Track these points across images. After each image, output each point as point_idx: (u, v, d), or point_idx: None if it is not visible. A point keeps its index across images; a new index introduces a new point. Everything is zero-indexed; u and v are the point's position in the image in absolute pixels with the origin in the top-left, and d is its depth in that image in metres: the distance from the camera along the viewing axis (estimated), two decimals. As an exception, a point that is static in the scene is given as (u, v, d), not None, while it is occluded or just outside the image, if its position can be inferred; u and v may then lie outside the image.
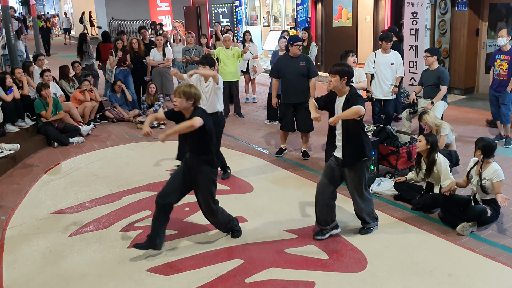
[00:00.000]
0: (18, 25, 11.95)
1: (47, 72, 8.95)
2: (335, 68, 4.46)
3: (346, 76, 4.42)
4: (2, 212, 5.68)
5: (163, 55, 9.83)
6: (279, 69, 7.03)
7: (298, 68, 6.82)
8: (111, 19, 22.95)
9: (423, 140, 5.36)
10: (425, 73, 7.39)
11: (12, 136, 7.82)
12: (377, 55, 7.65)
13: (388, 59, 7.57)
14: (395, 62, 7.55)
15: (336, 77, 4.42)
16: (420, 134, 6.85)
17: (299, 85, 6.84)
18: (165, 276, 4.23)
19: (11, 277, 4.29)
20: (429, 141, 5.33)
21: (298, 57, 6.91)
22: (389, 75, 7.57)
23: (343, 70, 4.42)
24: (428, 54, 7.19)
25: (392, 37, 7.65)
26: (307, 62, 6.90)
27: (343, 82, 4.43)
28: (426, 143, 5.32)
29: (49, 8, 50.30)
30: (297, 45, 6.87)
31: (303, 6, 14.37)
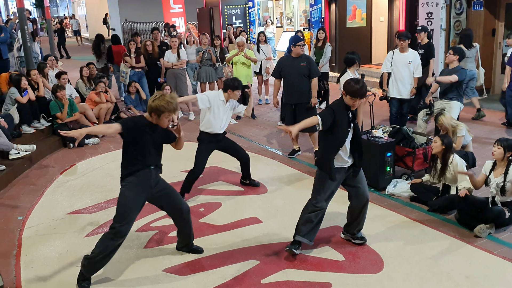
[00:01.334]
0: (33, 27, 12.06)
1: (63, 75, 9.03)
2: (364, 89, 4.19)
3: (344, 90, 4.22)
4: (19, 212, 5.74)
5: (177, 57, 9.88)
6: (281, 69, 7.05)
7: (299, 69, 6.83)
8: (124, 21, 23.11)
9: (438, 141, 5.32)
10: (443, 72, 7.31)
11: (28, 137, 7.91)
12: (395, 53, 7.54)
13: (405, 58, 7.41)
14: (412, 62, 7.40)
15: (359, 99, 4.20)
16: (438, 132, 6.81)
17: (300, 85, 6.86)
18: (181, 276, 4.24)
19: (29, 277, 4.33)
20: (444, 142, 5.28)
21: (299, 58, 6.92)
22: (406, 74, 7.41)
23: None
24: (452, 52, 7.11)
25: (408, 36, 7.49)
26: (308, 62, 6.89)
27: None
28: (441, 144, 5.28)
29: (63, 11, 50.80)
30: (299, 45, 6.88)
31: (316, 6, 14.34)
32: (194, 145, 8.20)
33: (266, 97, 11.32)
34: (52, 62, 9.80)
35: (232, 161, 7.24)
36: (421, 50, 8.43)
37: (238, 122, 9.62)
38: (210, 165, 7.09)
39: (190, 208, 4.54)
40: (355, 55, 6.79)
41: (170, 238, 4.94)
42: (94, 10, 31.03)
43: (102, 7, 28.80)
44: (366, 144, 6.03)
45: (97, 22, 29.82)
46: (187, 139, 8.51)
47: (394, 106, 7.62)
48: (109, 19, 26.82)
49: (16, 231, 5.24)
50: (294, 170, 6.84)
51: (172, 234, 5.02)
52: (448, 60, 7.14)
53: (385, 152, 5.92)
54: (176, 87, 9.92)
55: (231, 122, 9.61)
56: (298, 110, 6.95)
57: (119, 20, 24.41)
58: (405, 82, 7.45)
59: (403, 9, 12.05)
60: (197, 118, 9.94)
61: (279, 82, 7.19)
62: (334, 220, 5.14)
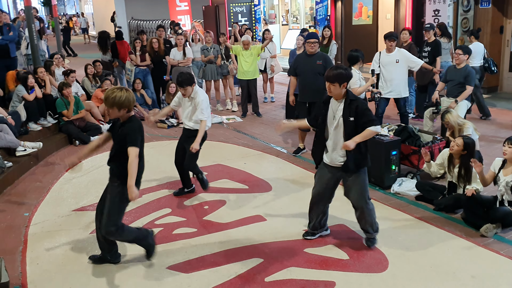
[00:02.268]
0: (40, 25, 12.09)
1: (73, 73, 9.06)
2: (333, 73, 4.12)
3: (345, 82, 4.14)
4: (26, 209, 5.77)
5: (183, 55, 9.88)
6: (296, 67, 7.01)
7: (314, 67, 6.77)
8: (130, 19, 23.16)
9: (461, 143, 5.14)
10: (451, 70, 7.20)
11: (34, 135, 7.94)
12: (382, 55, 7.49)
13: (392, 58, 7.37)
14: (400, 59, 7.34)
15: (336, 85, 4.13)
16: (442, 134, 6.77)
17: (315, 84, 6.76)
18: (185, 274, 4.24)
19: (34, 273, 4.35)
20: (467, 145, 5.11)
21: (315, 56, 6.85)
22: (395, 73, 7.33)
23: (342, 75, 4.12)
24: (461, 52, 7.01)
25: (395, 36, 7.48)
26: (324, 61, 6.81)
27: (343, 87, 4.15)
28: (463, 149, 5.12)
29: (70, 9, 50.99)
30: (308, 42, 6.82)
31: (322, 4, 14.30)
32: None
33: (272, 95, 11.30)
34: (59, 60, 9.84)
35: (237, 159, 7.25)
36: (427, 47, 8.39)
37: (243, 120, 9.61)
38: (214, 163, 7.10)
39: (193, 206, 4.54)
40: (358, 52, 6.75)
41: (174, 235, 4.95)
42: (101, 8, 31.15)
43: (109, 5, 28.89)
44: (371, 142, 6.01)
45: (103, 20, 29.92)
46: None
47: (381, 107, 7.51)
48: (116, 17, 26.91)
49: (22, 228, 5.27)
50: (299, 168, 6.83)
51: (176, 231, 5.04)
52: (458, 60, 7.02)
53: (391, 150, 5.89)
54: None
55: (236, 119, 9.61)
56: (312, 109, 6.92)
57: (126, 18, 24.47)
58: (396, 82, 7.36)
59: (409, 6, 11.99)
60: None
61: (295, 80, 7.16)
62: (339, 218, 5.13)
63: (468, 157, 5.08)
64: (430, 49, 8.34)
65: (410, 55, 7.48)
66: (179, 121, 9.34)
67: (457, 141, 5.21)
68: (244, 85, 9.73)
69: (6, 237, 5.06)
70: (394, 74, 7.35)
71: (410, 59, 7.42)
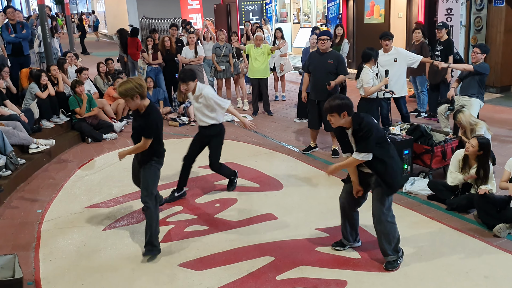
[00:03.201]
0: (53, 24, 12.21)
1: (85, 70, 9.14)
2: (329, 105, 3.95)
3: (345, 111, 3.91)
4: (39, 205, 5.82)
5: (195, 53, 9.90)
6: (309, 64, 7.00)
7: (325, 65, 6.74)
8: (142, 18, 23.27)
9: (476, 144, 5.07)
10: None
11: (47, 132, 8.01)
12: (379, 54, 7.33)
13: (390, 57, 7.38)
14: (398, 59, 7.34)
15: (335, 115, 3.94)
16: (455, 133, 6.72)
17: (324, 82, 6.72)
18: (196, 271, 4.26)
19: (47, 269, 4.40)
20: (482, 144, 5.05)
21: (327, 54, 6.82)
22: (394, 72, 7.27)
23: (339, 105, 3.91)
24: (479, 51, 6.94)
25: (390, 36, 7.47)
26: (336, 60, 6.77)
27: (344, 117, 3.93)
28: (478, 150, 5.06)
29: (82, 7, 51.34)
30: (320, 40, 6.82)
31: (334, 2, 14.25)
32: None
33: (283, 93, 11.28)
34: (71, 58, 9.93)
35: (248, 158, 7.25)
36: (440, 46, 8.33)
37: (254, 118, 9.62)
38: (226, 161, 7.10)
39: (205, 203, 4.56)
40: (373, 51, 6.71)
41: (186, 233, 4.97)
42: (112, 7, 31.30)
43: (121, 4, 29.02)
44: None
45: (115, 18, 30.07)
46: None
47: (384, 107, 7.45)
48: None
49: (35, 224, 5.32)
50: (310, 166, 6.82)
51: (188, 229, 5.06)
52: (476, 58, 6.96)
53: (403, 149, 5.86)
54: (193, 83, 9.94)
55: (247, 118, 9.61)
56: (322, 107, 6.89)
57: (137, 17, 24.60)
58: (396, 80, 7.33)
59: (422, 5, 11.89)
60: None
61: (308, 77, 7.14)
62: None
63: (485, 157, 5.04)
64: (443, 48, 8.29)
65: (407, 52, 7.51)
66: (191, 119, 9.37)
67: (472, 142, 5.14)
68: (255, 83, 9.74)
69: (20, 233, 5.11)
70: (393, 73, 7.29)
71: (407, 56, 7.45)
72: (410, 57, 7.47)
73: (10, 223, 5.35)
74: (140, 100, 4.38)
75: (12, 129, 6.87)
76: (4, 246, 4.80)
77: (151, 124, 4.46)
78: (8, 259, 4.11)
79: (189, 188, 6.11)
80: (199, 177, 6.54)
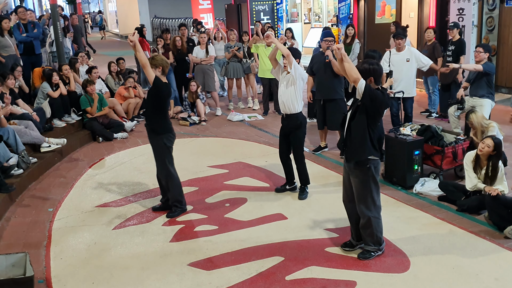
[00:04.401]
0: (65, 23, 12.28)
1: (95, 69, 9.21)
2: (358, 68, 4.07)
3: (371, 76, 4.03)
4: (50, 204, 5.88)
5: (206, 53, 9.93)
6: (313, 65, 7.04)
7: (328, 65, 6.76)
8: (153, 17, 23.37)
9: (491, 144, 5.00)
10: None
11: (59, 131, 8.08)
12: (392, 53, 7.47)
13: (402, 56, 7.35)
14: (410, 59, 7.32)
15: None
16: (466, 133, 6.66)
17: (328, 81, 6.80)
18: (206, 271, 4.27)
19: (58, 267, 4.44)
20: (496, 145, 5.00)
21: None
22: (405, 72, 7.30)
23: (366, 70, 4.04)
24: (482, 50, 6.92)
25: (403, 34, 7.44)
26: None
27: (370, 83, 4.02)
28: (494, 149, 5.01)
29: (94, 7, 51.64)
30: (326, 41, 6.85)
31: (345, 2, 14.20)
32: (221, 140, 8.28)
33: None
34: (83, 58, 10.00)
35: (258, 157, 7.25)
36: (452, 46, 8.28)
37: (264, 118, 9.62)
38: (236, 161, 7.12)
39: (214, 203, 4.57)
40: (375, 53, 6.76)
41: (196, 232, 4.98)
42: (124, 6, 31.51)
43: (132, 3, 29.21)
44: (394, 142, 5.97)
45: (127, 18, 30.27)
46: (213, 135, 8.60)
47: (394, 106, 7.45)
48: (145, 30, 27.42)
49: (46, 223, 5.37)
50: (320, 166, 6.80)
51: (198, 228, 5.07)
52: (479, 58, 6.94)
53: (413, 150, 5.83)
54: (204, 82, 9.98)
55: (257, 117, 9.62)
56: (328, 107, 6.91)
57: (149, 16, 24.71)
58: (406, 81, 7.32)
59: (433, 4, 11.80)
60: (224, 114, 9.99)
61: (312, 79, 7.16)
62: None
63: (497, 157, 5.01)
64: (454, 48, 8.24)
65: (420, 55, 7.48)
66: (201, 118, 9.40)
67: (487, 142, 5.04)
68: (266, 83, 9.74)
69: (31, 231, 5.16)
70: (404, 73, 7.32)
71: (420, 58, 7.42)
72: (422, 61, 7.42)
73: (21, 221, 5.41)
74: (160, 74, 5.29)
75: (24, 128, 6.94)
76: (16, 244, 4.86)
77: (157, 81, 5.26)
78: (20, 257, 4.15)
79: (199, 188, 6.13)
80: (209, 176, 6.56)
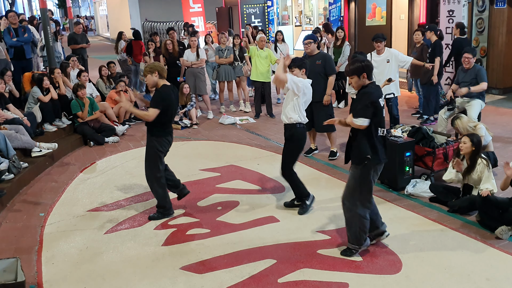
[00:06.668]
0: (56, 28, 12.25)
1: (84, 72, 9.18)
2: (350, 68, 4.24)
3: (364, 72, 4.18)
4: (41, 209, 5.84)
5: (196, 56, 9.93)
6: None
7: (314, 67, 6.77)
8: (144, 21, 23.34)
9: (468, 141, 5.13)
10: (462, 73, 7.25)
11: (50, 136, 8.03)
12: (372, 56, 7.58)
13: (382, 58, 7.48)
14: (390, 59, 7.44)
15: (354, 77, 4.21)
16: (457, 135, 6.71)
17: (314, 83, 6.77)
18: (198, 274, 4.26)
19: (50, 272, 4.41)
20: (474, 142, 5.12)
21: (315, 56, 6.88)
22: (387, 73, 7.40)
23: (358, 68, 4.19)
24: (471, 56, 7.05)
25: (382, 37, 7.56)
26: (323, 60, 6.85)
27: (364, 78, 4.20)
28: (471, 145, 5.12)
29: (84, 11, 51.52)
30: (303, 44, 6.90)
31: (335, 5, 14.26)
32: (212, 143, 8.28)
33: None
34: (74, 62, 9.96)
35: (250, 160, 7.26)
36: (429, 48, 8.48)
37: (256, 120, 9.62)
38: (228, 164, 7.12)
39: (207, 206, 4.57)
40: (362, 55, 6.81)
41: (188, 236, 4.97)
42: (115, 10, 31.45)
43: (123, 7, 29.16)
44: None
45: (118, 21, 30.19)
46: (205, 138, 8.60)
47: (393, 106, 7.55)
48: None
49: (38, 227, 5.33)
50: (312, 169, 6.82)
51: (190, 232, 5.06)
52: (469, 64, 7.07)
53: (404, 151, 5.86)
54: (195, 85, 9.97)
55: (249, 120, 9.62)
56: (315, 108, 6.91)
57: (140, 20, 24.67)
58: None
59: (423, 6, 11.90)
60: (215, 117, 9.98)
61: None
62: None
63: (475, 153, 5.12)
64: (430, 50, 8.40)
65: (399, 53, 7.60)
66: (193, 122, 9.39)
67: (463, 140, 5.22)
68: (258, 86, 9.74)
69: (22, 236, 5.13)
70: (386, 74, 7.39)
71: (398, 57, 7.52)
72: (400, 59, 7.54)
73: (12, 226, 5.37)
74: (158, 78, 5.12)
75: (14, 133, 6.90)
76: (7, 249, 4.82)
77: (159, 95, 5.08)
78: (11, 262, 4.12)
79: (190, 191, 6.12)
80: (201, 180, 6.55)
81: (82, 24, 13.69)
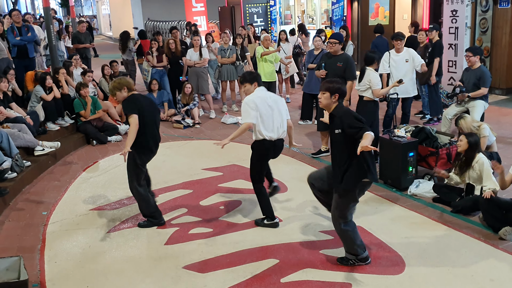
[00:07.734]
0: (59, 27, 12.27)
1: (89, 73, 9.18)
2: (326, 85, 4.17)
3: (337, 93, 4.11)
4: (44, 207, 5.84)
5: (199, 55, 9.92)
6: (321, 64, 6.98)
7: (333, 68, 6.71)
8: (147, 20, 23.33)
9: (464, 139, 5.23)
10: (466, 72, 7.23)
11: (52, 134, 8.03)
12: (391, 54, 7.66)
13: (401, 57, 7.54)
14: (409, 59, 7.51)
15: (326, 94, 4.12)
16: (461, 134, 6.69)
17: None
18: (201, 274, 4.26)
19: (52, 271, 4.41)
20: (469, 140, 5.19)
21: (337, 57, 6.76)
22: (405, 72, 7.46)
23: (334, 87, 4.12)
24: (471, 54, 7.01)
25: (402, 36, 7.62)
26: (345, 63, 6.67)
27: (334, 99, 4.12)
28: (467, 142, 5.19)
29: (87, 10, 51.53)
30: (328, 42, 6.85)
31: (338, 4, 14.24)
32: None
33: (287, 95, 11.27)
34: (77, 61, 9.97)
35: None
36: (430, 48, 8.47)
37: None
38: (230, 163, 7.12)
39: (209, 206, 4.56)
40: (375, 54, 6.74)
41: (190, 235, 4.97)
42: (117, 9, 31.43)
43: (126, 6, 29.14)
44: (389, 143, 5.98)
45: (120, 21, 30.17)
46: (207, 137, 8.59)
47: (391, 107, 7.42)
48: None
49: (40, 226, 5.34)
50: (315, 169, 6.78)
51: (192, 231, 5.06)
52: (470, 62, 7.06)
53: (408, 151, 5.84)
54: (198, 85, 9.97)
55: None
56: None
57: (142, 19, 24.66)
58: (407, 81, 7.38)
59: (427, 6, 11.87)
60: (218, 116, 9.98)
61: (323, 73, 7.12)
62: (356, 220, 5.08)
63: (471, 151, 5.19)
64: (431, 50, 8.40)
65: (416, 55, 7.65)
66: (195, 121, 9.38)
67: (460, 138, 5.33)
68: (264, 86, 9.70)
69: (25, 235, 5.13)
70: (404, 73, 7.43)
71: (415, 58, 7.57)
72: (417, 61, 7.58)
73: (15, 225, 5.37)
74: (127, 93, 4.95)
75: (17, 132, 6.90)
76: (10, 248, 4.82)
77: (126, 101, 4.93)
78: (14, 261, 4.13)
79: (193, 191, 6.11)
80: (203, 179, 6.55)
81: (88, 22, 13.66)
